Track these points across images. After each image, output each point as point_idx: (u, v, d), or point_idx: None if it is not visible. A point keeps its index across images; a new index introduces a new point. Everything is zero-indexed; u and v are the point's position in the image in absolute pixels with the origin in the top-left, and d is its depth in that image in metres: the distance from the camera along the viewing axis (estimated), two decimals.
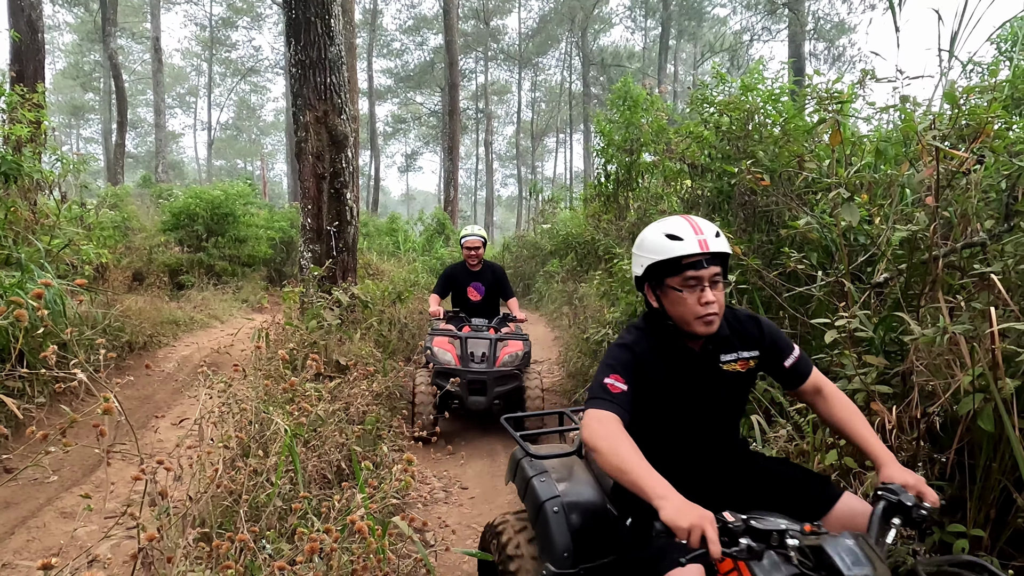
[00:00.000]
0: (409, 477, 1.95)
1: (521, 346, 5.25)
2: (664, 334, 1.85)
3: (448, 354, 5.02)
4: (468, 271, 5.71)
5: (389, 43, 38.45)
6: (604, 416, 1.64)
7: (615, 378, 1.71)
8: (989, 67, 4.84)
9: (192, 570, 1.63)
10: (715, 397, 1.87)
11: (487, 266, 5.79)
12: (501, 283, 5.77)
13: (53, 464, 4.17)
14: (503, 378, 5.01)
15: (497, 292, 5.77)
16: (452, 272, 5.76)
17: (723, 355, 1.87)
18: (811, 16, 24.76)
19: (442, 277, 5.77)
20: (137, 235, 11.02)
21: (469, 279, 5.70)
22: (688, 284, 1.72)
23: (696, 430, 1.87)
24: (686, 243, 1.71)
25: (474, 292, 5.68)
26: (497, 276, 5.77)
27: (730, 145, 4.63)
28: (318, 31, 5.93)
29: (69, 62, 37.93)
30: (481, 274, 5.72)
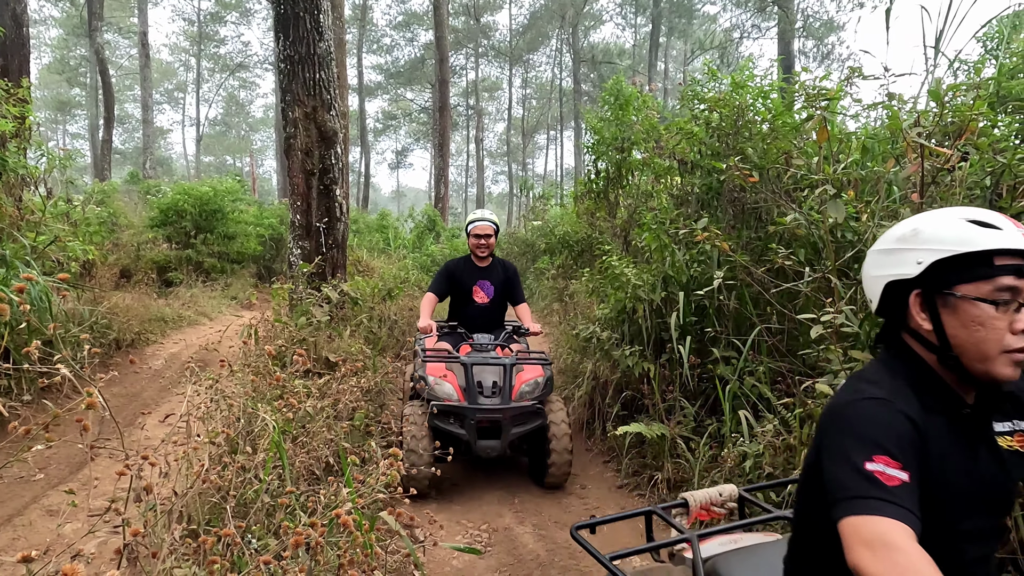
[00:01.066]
0: (395, 472, 1.95)
1: (541, 371, 4.14)
2: (930, 382, 1.19)
3: (448, 386, 3.96)
4: (474, 267, 4.67)
5: (379, 39, 38.32)
6: (891, 531, 0.96)
7: (885, 461, 1.03)
8: (975, 65, 4.89)
9: (179, 566, 1.63)
10: (990, 488, 1.18)
11: (497, 262, 4.76)
12: (512, 284, 4.74)
13: (39, 462, 4.14)
14: (522, 415, 3.94)
15: (506, 295, 4.75)
16: (453, 267, 4.68)
17: (997, 422, 1.21)
18: (800, 14, 24.88)
19: (441, 273, 4.66)
20: (124, 232, 10.92)
21: (475, 276, 4.66)
22: (1001, 297, 1.10)
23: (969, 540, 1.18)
24: (1006, 234, 1.11)
25: (480, 293, 4.65)
26: (509, 275, 4.74)
27: (720, 142, 4.65)
28: (307, 26, 5.90)
29: (55, 57, 37.53)
30: (490, 271, 4.69)
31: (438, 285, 4.59)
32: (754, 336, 3.81)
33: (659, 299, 4.50)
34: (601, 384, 4.97)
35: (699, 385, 4.23)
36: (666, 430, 4.00)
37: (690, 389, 4.20)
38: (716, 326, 4.20)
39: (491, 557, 3.35)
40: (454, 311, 4.76)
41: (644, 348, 4.55)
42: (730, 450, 3.38)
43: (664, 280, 4.59)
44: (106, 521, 1.73)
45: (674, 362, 4.32)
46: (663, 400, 4.25)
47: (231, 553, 1.67)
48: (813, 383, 2.80)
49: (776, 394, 3.55)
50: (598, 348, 4.98)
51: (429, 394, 3.91)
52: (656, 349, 4.57)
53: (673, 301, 4.37)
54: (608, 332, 4.89)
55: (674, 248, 4.55)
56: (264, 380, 3.31)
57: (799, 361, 3.64)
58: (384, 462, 2.09)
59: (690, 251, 4.55)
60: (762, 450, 3.16)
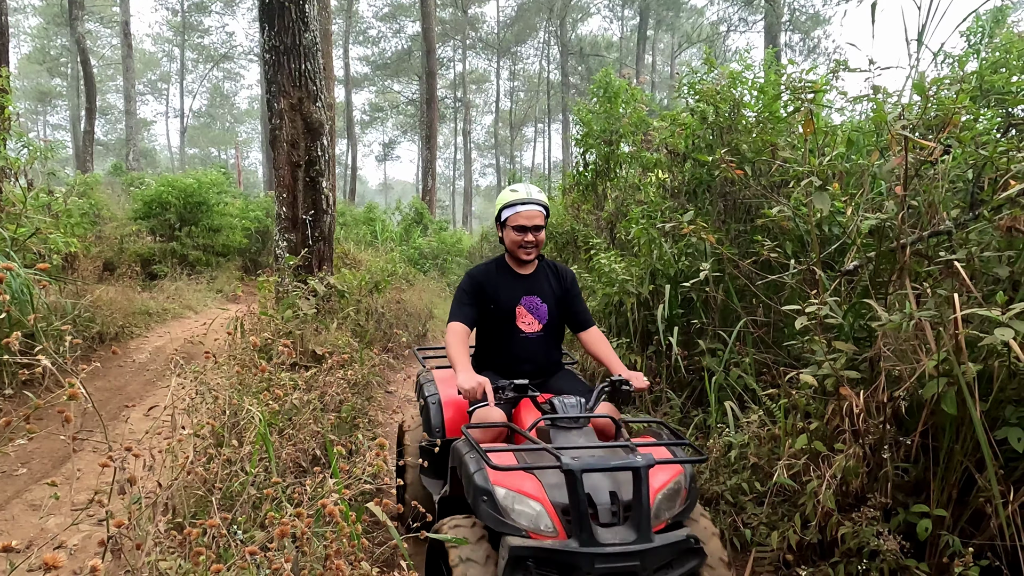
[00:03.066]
0: (381, 462, 1.95)
1: (679, 469, 2.28)
2: None
3: (536, 507, 2.08)
4: (514, 276, 2.93)
5: (365, 30, 38.02)
6: None
7: None
8: (959, 59, 4.94)
9: (163, 558, 1.62)
10: None
11: (547, 267, 3.03)
12: (572, 299, 3.00)
13: (21, 456, 4.10)
14: (668, 556, 2.05)
15: (565, 317, 3.01)
16: (483, 278, 2.90)
17: None
18: (787, 7, 24.97)
19: (465, 289, 2.88)
20: (108, 224, 10.79)
21: (517, 290, 2.90)
22: None
23: None
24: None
25: (528, 316, 2.89)
26: (566, 285, 3.00)
27: (713, 135, 4.66)
28: (292, 16, 5.84)
29: (35, 46, 36.92)
30: (538, 280, 2.95)
31: (466, 307, 2.80)
32: (740, 328, 3.83)
33: (647, 292, 4.52)
34: (588, 377, 4.99)
35: (686, 376, 4.25)
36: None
37: (677, 381, 4.23)
38: (703, 318, 4.23)
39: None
40: (486, 347, 2.99)
41: (631, 340, 4.57)
42: (716, 440, 3.40)
43: (652, 273, 4.60)
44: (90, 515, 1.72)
45: (661, 354, 4.35)
46: (650, 392, 4.27)
47: (216, 545, 1.66)
48: (797, 374, 2.83)
49: (761, 385, 3.58)
50: None
51: (497, 521, 2.05)
52: (643, 341, 4.59)
53: (660, 294, 4.39)
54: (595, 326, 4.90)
55: (661, 241, 4.57)
56: (250, 372, 3.29)
57: (784, 352, 3.68)
58: (370, 453, 2.09)
59: (677, 244, 4.56)
60: (747, 440, 3.18)
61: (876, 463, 2.47)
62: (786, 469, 2.73)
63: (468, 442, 2.24)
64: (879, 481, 2.45)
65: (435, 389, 3.13)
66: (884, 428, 2.46)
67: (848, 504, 2.53)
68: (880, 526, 2.33)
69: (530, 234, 2.78)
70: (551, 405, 2.35)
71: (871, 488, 2.47)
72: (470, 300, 2.84)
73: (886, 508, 2.41)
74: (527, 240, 2.80)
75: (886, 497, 2.40)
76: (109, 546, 1.49)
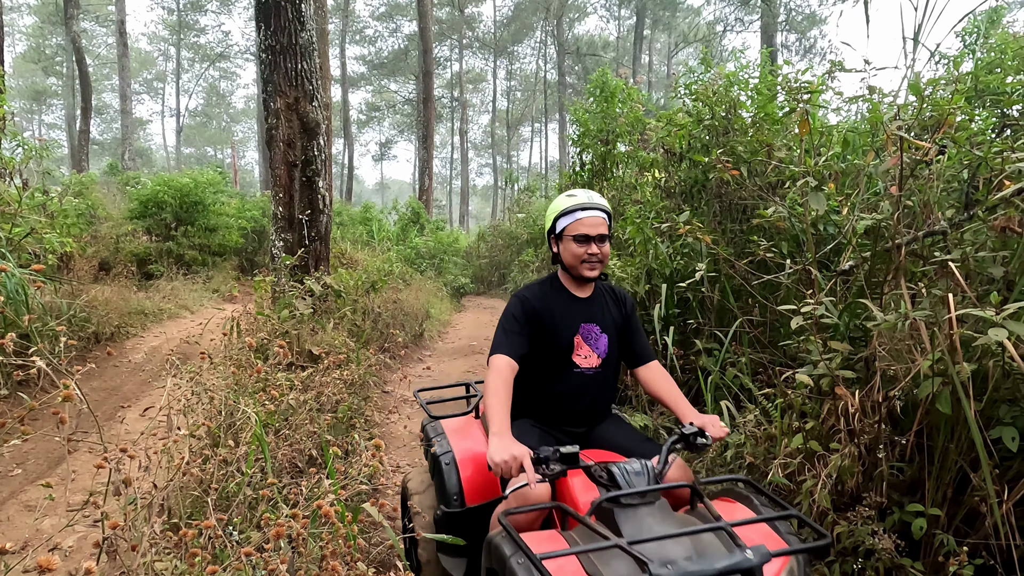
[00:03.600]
0: (377, 463, 1.95)
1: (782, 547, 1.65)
2: None
3: None
4: (571, 298, 2.42)
5: (362, 29, 37.98)
6: None
7: None
8: (954, 60, 4.96)
9: (159, 559, 1.62)
10: None
11: (604, 289, 2.55)
12: (632, 328, 2.52)
13: (17, 457, 4.09)
14: None
15: (625, 349, 2.52)
16: (537, 302, 2.36)
17: None
18: (783, 8, 25.02)
19: (517, 314, 2.31)
20: (103, 224, 10.76)
21: (576, 316, 2.40)
22: None
23: None
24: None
25: (586, 348, 2.39)
26: (626, 311, 2.53)
27: (709, 136, 4.66)
28: (288, 16, 5.83)
29: (30, 45, 36.80)
30: (597, 304, 2.46)
31: (516, 337, 2.24)
32: (736, 327, 3.84)
33: (643, 292, 4.52)
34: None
35: (682, 376, 4.26)
36: (649, 421, 4.03)
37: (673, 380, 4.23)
38: (699, 318, 4.23)
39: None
40: (530, 385, 2.35)
41: None
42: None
43: (648, 273, 4.61)
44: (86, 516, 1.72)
45: (657, 354, 4.35)
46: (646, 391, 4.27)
47: (212, 546, 1.66)
48: (793, 373, 2.84)
49: (757, 385, 3.59)
50: None
51: None
52: None
53: (656, 293, 4.39)
54: None
55: (657, 241, 4.57)
56: (246, 373, 3.29)
57: (780, 352, 3.68)
58: (367, 454, 2.09)
59: (674, 244, 4.57)
60: (743, 440, 3.19)
61: (871, 462, 2.47)
62: (782, 468, 2.74)
63: (510, 538, 1.64)
64: (874, 480, 2.45)
65: (447, 446, 2.56)
66: (879, 427, 2.47)
67: (843, 503, 2.54)
68: (875, 525, 2.33)
69: (594, 245, 2.26)
70: (609, 474, 1.77)
71: (866, 487, 2.47)
72: (522, 328, 2.26)
73: (881, 507, 2.41)
74: (591, 252, 2.26)
75: (881, 496, 2.41)
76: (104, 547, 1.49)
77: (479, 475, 2.45)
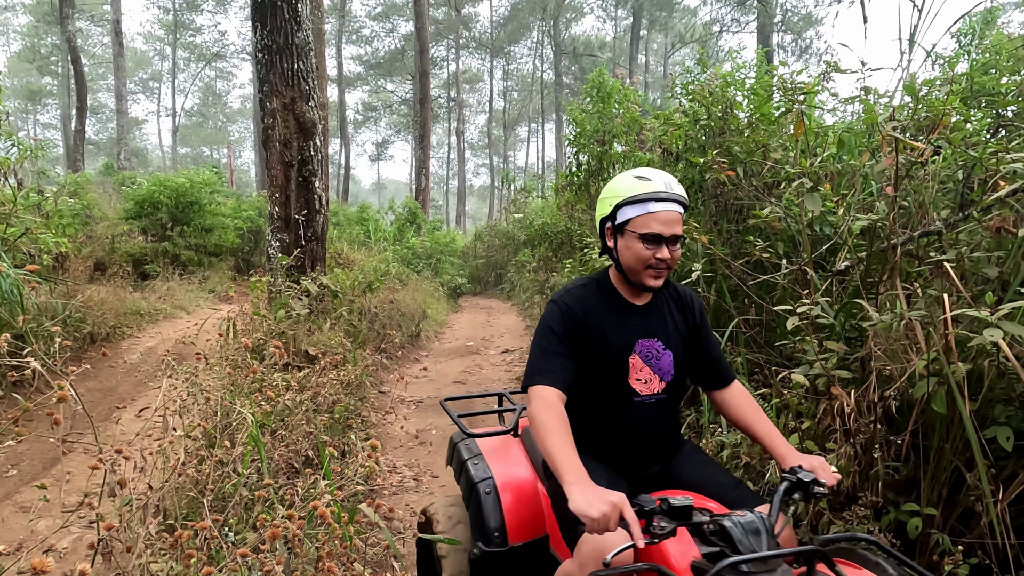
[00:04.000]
0: (373, 463, 1.95)
1: None
2: None
3: None
4: (625, 306, 1.88)
5: (359, 29, 37.95)
6: None
7: None
8: (949, 60, 4.97)
9: (154, 560, 1.61)
10: None
11: (670, 294, 1.99)
12: (703, 341, 1.99)
13: (12, 458, 4.07)
14: None
15: (693, 367, 1.99)
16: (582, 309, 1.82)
17: None
18: (779, 8, 25.07)
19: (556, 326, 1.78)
20: (99, 224, 10.73)
21: (632, 330, 1.86)
22: None
23: None
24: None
25: (646, 371, 1.85)
26: (694, 319, 1.98)
27: (705, 136, 4.67)
28: (285, 16, 5.82)
29: (25, 44, 36.65)
30: (658, 312, 1.92)
31: (558, 359, 1.75)
32: (732, 328, 3.85)
33: None
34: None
35: None
36: None
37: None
38: None
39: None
40: (580, 420, 1.80)
41: None
42: (708, 440, 3.41)
43: None
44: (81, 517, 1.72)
45: None
46: None
47: (208, 547, 1.66)
48: (789, 373, 2.84)
49: (753, 384, 3.59)
50: None
51: None
52: None
53: None
54: None
55: None
56: (241, 373, 3.28)
57: (776, 352, 3.69)
58: (363, 454, 2.08)
59: None
60: (739, 440, 3.19)
61: (867, 462, 2.48)
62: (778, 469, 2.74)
63: None
64: (870, 480, 2.46)
65: (486, 470, 2.13)
66: (875, 427, 2.48)
67: (839, 503, 2.54)
68: (871, 525, 2.34)
69: (666, 248, 1.73)
70: (719, 528, 1.40)
71: (862, 487, 2.48)
72: (565, 346, 1.74)
73: (877, 507, 2.42)
74: (660, 257, 1.73)
75: (877, 496, 2.42)
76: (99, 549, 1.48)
77: (524, 507, 2.04)
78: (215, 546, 1.72)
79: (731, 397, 1.95)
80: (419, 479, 4.21)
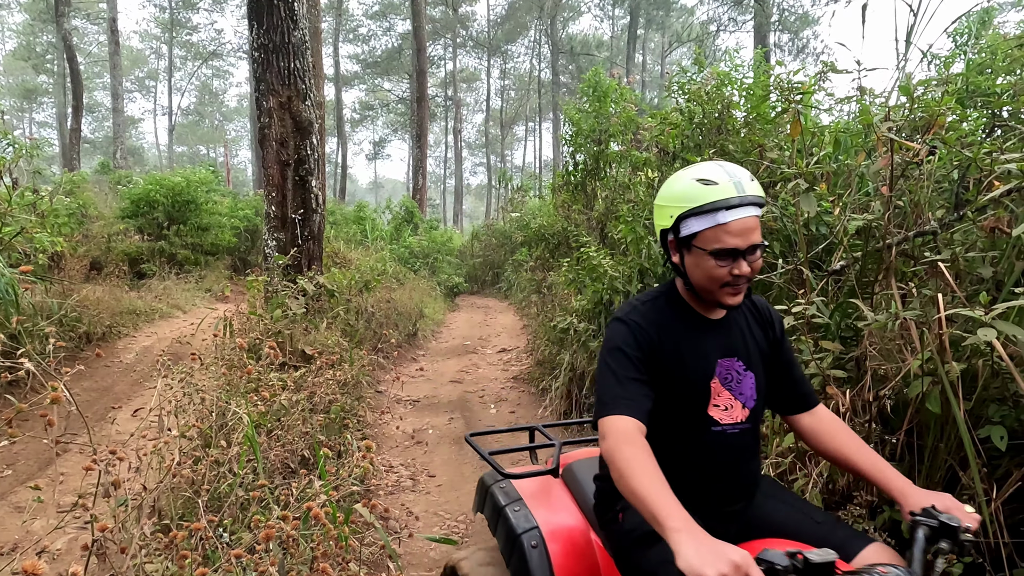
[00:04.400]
0: (368, 463, 1.95)
1: None
2: None
3: None
4: (700, 321, 1.61)
5: (356, 28, 37.89)
6: None
7: None
8: (944, 60, 4.98)
9: (149, 561, 1.61)
10: None
11: (747, 307, 1.70)
12: (784, 358, 1.71)
13: (7, 458, 4.06)
14: None
15: (774, 389, 1.69)
16: (654, 326, 1.55)
17: None
18: (776, 8, 25.10)
19: (627, 347, 1.50)
20: (95, 223, 10.70)
21: (711, 349, 1.59)
22: None
23: None
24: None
25: (726, 396, 1.58)
26: (775, 333, 1.70)
27: (702, 135, 4.68)
28: (281, 14, 5.81)
29: (20, 43, 36.50)
30: (735, 326, 1.65)
31: (635, 385, 1.48)
32: None
33: (635, 290, 4.53)
34: (578, 375, 5.00)
35: None
36: None
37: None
38: None
39: (468, 548, 3.36)
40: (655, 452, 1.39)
41: None
42: None
43: (640, 272, 4.62)
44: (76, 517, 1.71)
45: None
46: None
47: (203, 547, 1.66)
48: None
49: None
50: (575, 339, 5.01)
51: None
52: None
53: None
54: (585, 323, 4.92)
55: (650, 240, 4.58)
56: (237, 373, 3.28)
57: None
58: (358, 454, 2.08)
59: None
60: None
61: None
62: (773, 468, 2.75)
63: None
64: (865, 479, 2.46)
65: (530, 519, 1.83)
66: (870, 427, 2.48)
67: (835, 502, 2.55)
68: (866, 524, 2.34)
69: (744, 262, 1.45)
70: None
71: (856, 486, 2.48)
72: (639, 371, 1.49)
73: (872, 506, 2.43)
74: (738, 274, 1.45)
75: (872, 495, 2.42)
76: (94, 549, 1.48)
77: (576, 562, 1.74)
78: (210, 547, 1.71)
79: (818, 423, 1.66)
80: (415, 479, 4.21)
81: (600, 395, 1.47)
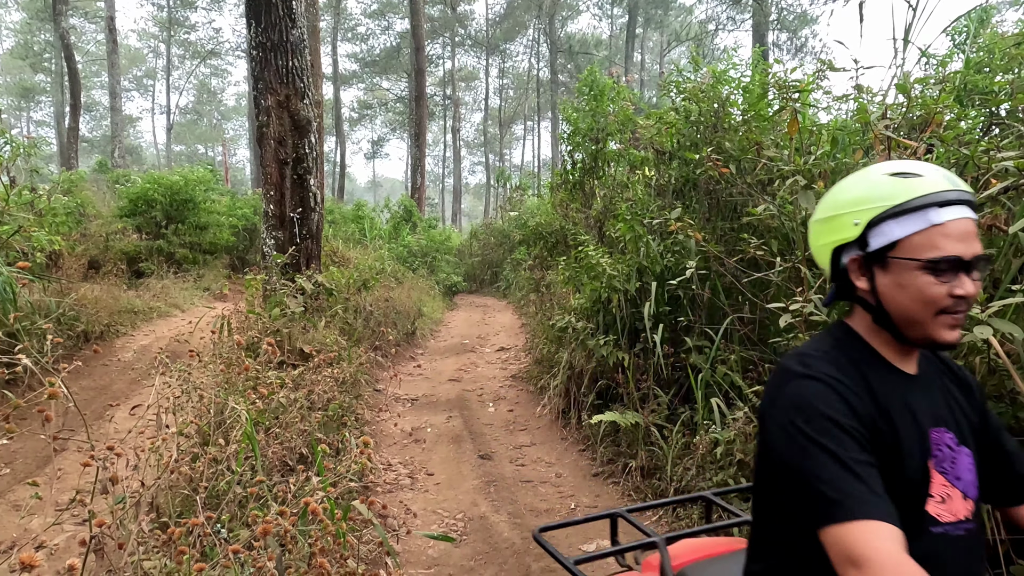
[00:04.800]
0: (365, 460, 1.95)
1: None
2: None
3: None
4: (899, 378, 1.11)
5: (354, 27, 37.85)
6: None
7: None
8: (941, 59, 4.98)
9: (147, 557, 1.61)
10: None
11: (938, 359, 1.22)
12: (994, 436, 1.20)
13: (5, 456, 4.06)
14: None
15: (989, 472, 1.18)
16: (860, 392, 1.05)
17: None
18: (774, 7, 25.11)
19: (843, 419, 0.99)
20: (93, 222, 10.69)
21: (921, 414, 1.09)
22: None
23: None
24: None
25: (944, 484, 1.08)
26: (975, 399, 1.20)
27: (699, 134, 4.68)
28: (279, 13, 5.81)
29: (18, 41, 36.44)
30: (932, 383, 1.16)
31: (876, 477, 0.97)
32: (726, 325, 3.86)
33: (634, 289, 4.53)
34: (577, 373, 5.00)
35: (672, 374, 4.28)
36: (640, 418, 4.04)
37: (664, 378, 4.24)
38: (689, 315, 4.25)
39: (466, 546, 3.36)
40: None
41: (619, 338, 4.58)
42: (702, 437, 3.42)
43: (639, 270, 4.62)
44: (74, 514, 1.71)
45: (648, 351, 4.37)
46: (637, 389, 4.29)
47: (201, 544, 1.66)
48: None
49: (747, 382, 3.60)
50: (574, 338, 5.01)
51: None
52: (630, 338, 4.60)
53: (647, 291, 4.41)
54: (583, 322, 4.92)
55: (648, 239, 4.58)
56: (235, 371, 3.28)
57: (769, 349, 3.70)
58: (356, 451, 2.09)
59: (664, 241, 4.59)
60: (733, 437, 3.21)
61: None
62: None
63: None
64: None
65: None
66: None
67: None
68: None
69: (967, 279, 1.05)
70: None
71: None
72: (866, 448, 1.01)
73: None
74: (962, 294, 1.05)
75: None
76: (91, 546, 1.48)
77: None
78: (208, 543, 1.72)
79: None
80: (414, 477, 4.21)
81: (826, 490, 0.95)
